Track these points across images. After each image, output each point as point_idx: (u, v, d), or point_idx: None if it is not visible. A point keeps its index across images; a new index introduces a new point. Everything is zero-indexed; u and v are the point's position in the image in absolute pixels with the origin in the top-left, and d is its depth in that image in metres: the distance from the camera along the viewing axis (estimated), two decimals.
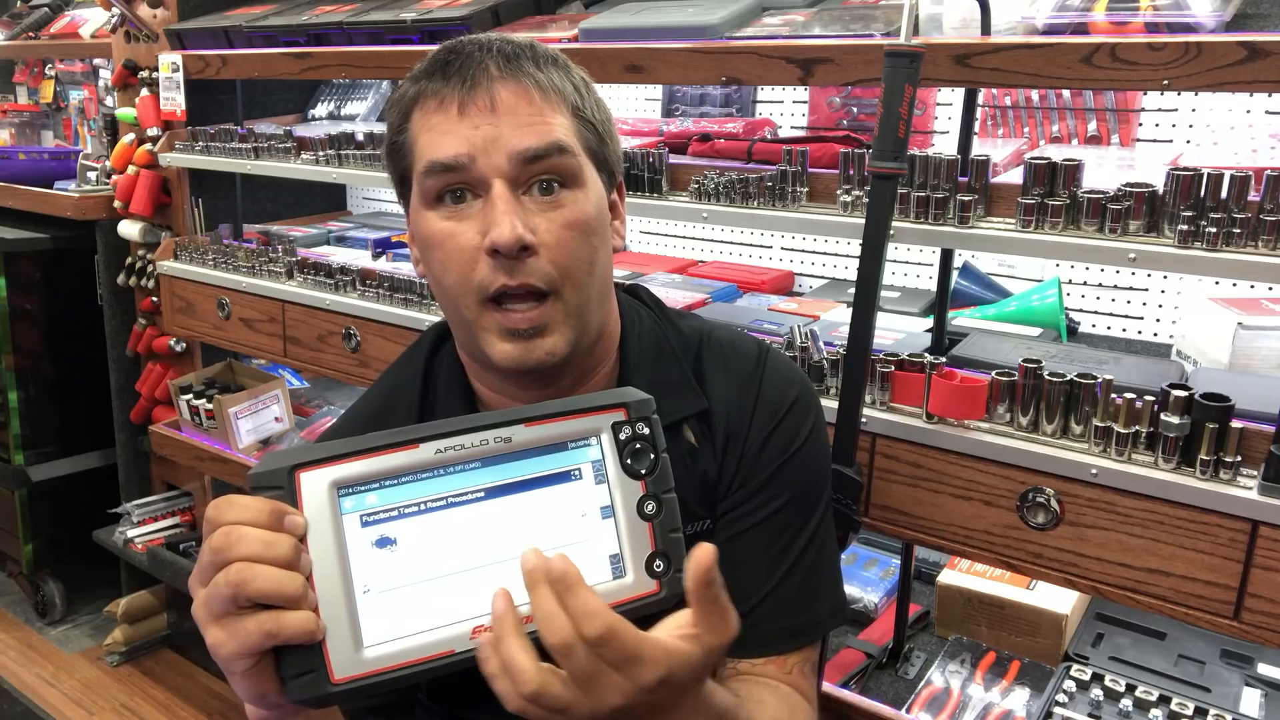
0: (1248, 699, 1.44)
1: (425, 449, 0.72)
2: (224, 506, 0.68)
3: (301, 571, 0.67)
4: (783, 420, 1.01)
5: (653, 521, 0.76)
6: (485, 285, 0.87)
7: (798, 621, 0.99)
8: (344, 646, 0.68)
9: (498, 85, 0.86)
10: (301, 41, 2.16)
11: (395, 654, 0.69)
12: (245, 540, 0.66)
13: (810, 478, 1.02)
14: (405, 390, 1.04)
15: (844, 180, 1.43)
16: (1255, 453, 1.13)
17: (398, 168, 0.94)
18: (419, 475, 0.72)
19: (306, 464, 0.70)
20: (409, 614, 0.70)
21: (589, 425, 0.76)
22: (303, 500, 0.69)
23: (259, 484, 0.69)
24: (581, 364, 0.97)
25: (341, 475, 0.70)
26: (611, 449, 0.76)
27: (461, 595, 0.71)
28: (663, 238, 2.50)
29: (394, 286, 1.95)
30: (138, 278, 2.60)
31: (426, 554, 0.71)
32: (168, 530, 2.72)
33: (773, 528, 0.99)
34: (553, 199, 0.88)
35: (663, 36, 1.59)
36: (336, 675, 0.67)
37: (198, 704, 2.67)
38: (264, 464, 0.70)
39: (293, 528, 0.68)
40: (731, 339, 1.07)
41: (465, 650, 0.70)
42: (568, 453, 0.76)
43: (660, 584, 0.75)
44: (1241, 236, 1.14)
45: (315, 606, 0.68)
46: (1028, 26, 1.32)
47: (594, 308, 0.93)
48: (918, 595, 1.78)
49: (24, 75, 4.16)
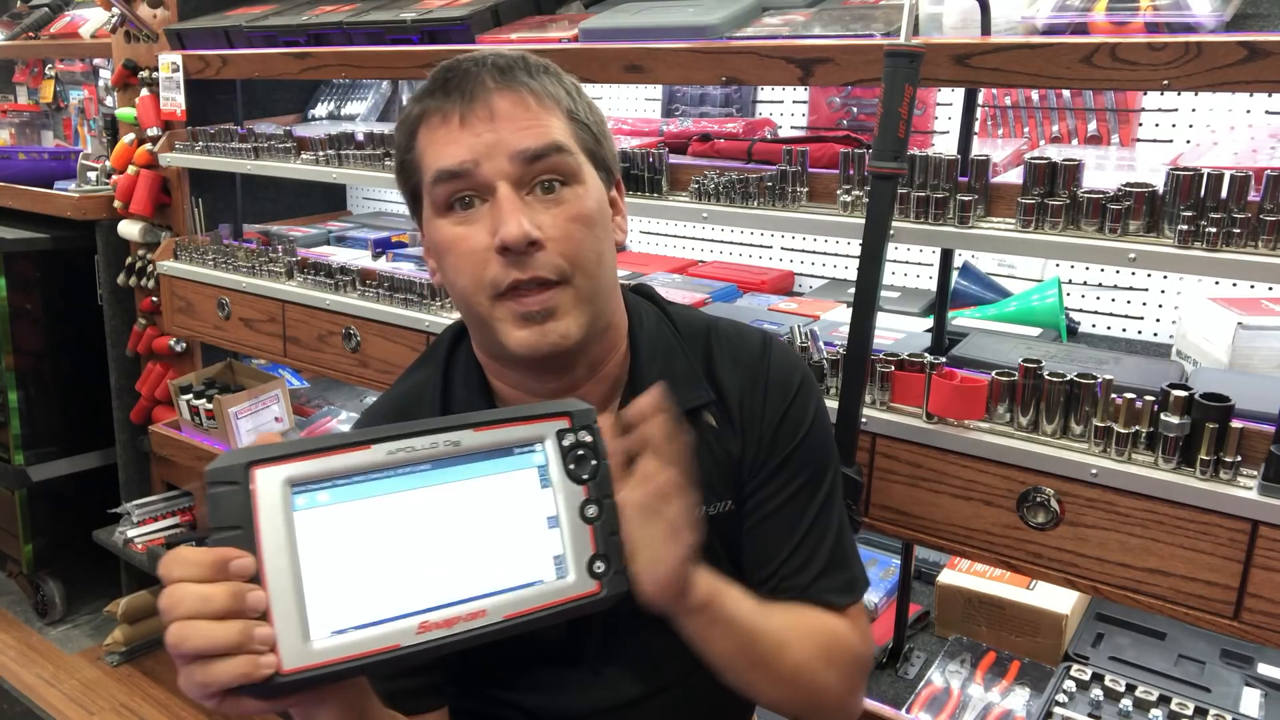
0: (1248, 699, 1.44)
1: (377, 450, 0.75)
2: (170, 563, 0.70)
3: (249, 613, 0.68)
4: (793, 403, 1.05)
5: (594, 524, 0.79)
6: (498, 282, 0.90)
7: (837, 580, 1.04)
8: (293, 638, 0.69)
9: (495, 96, 0.91)
10: (301, 41, 2.16)
11: (342, 646, 0.71)
12: (184, 600, 0.68)
13: (823, 453, 1.07)
14: (428, 388, 1.07)
15: (844, 180, 1.43)
16: (1255, 453, 1.13)
17: (409, 184, 0.98)
18: (370, 475, 0.74)
19: (263, 460, 0.71)
20: (357, 608, 0.72)
21: (534, 432, 0.80)
22: (257, 495, 0.71)
23: (216, 479, 0.71)
24: (592, 354, 0.99)
25: (295, 473, 0.72)
26: (556, 455, 0.80)
27: (409, 591, 0.73)
28: (663, 238, 2.50)
29: (394, 286, 1.95)
30: (138, 278, 2.60)
31: (375, 551, 0.73)
32: (168, 530, 2.72)
33: (799, 503, 1.04)
34: (555, 196, 0.92)
35: (662, 36, 1.59)
36: (285, 666, 0.69)
37: (198, 704, 2.66)
38: (222, 460, 0.71)
39: (239, 572, 0.69)
40: (736, 329, 1.11)
41: (411, 644, 0.72)
42: (514, 457, 0.79)
43: (601, 584, 0.79)
44: (1241, 236, 1.14)
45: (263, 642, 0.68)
46: (1028, 26, 1.32)
47: (604, 296, 0.96)
48: (918, 595, 1.78)
49: (24, 75, 4.16)
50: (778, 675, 0.95)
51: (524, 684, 1.04)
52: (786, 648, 0.95)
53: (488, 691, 1.06)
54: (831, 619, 1.02)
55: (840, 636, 1.01)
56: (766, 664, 0.93)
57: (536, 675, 1.04)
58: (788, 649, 0.95)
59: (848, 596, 1.05)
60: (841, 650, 1.01)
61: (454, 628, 0.73)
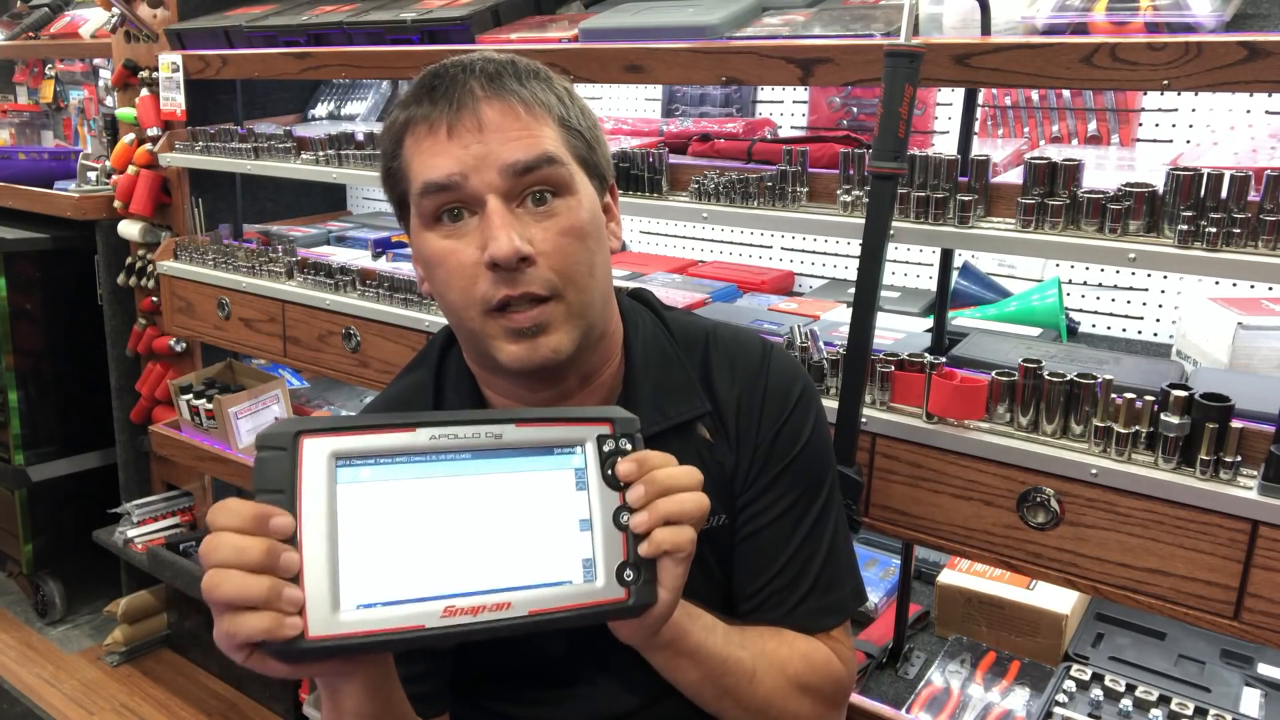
0: (1248, 699, 1.44)
1: (421, 433, 0.76)
2: (217, 512, 0.71)
3: (281, 572, 0.70)
4: (791, 414, 1.04)
5: (627, 532, 0.79)
6: (488, 298, 0.89)
7: (825, 602, 1.03)
8: (322, 606, 0.71)
9: (483, 105, 0.89)
10: (301, 41, 2.16)
11: (369, 620, 0.72)
12: (221, 548, 0.69)
13: (820, 466, 1.05)
14: (421, 392, 1.06)
15: (844, 180, 1.43)
16: (1255, 453, 1.13)
17: (395, 191, 0.97)
18: (412, 457, 0.76)
19: (312, 431, 0.74)
20: (386, 586, 0.73)
21: (575, 434, 0.81)
22: (303, 464, 0.73)
23: (265, 443, 0.73)
24: (585, 364, 0.98)
25: (342, 447, 0.74)
26: (594, 459, 0.80)
27: (438, 575, 0.74)
28: (663, 238, 2.50)
29: (394, 286, 1.95)
30: (138, 278, 2.60)
31: (409, 532, 0.75)
32: (168, 530, 2.72)
33: (791, 519, 1.02)
34: (546, 208, 0.90)
35: (663, 36, 1.59)
36: (311, 633, 0.70)
37: (198, 704, 2.66)
38: (275, 427, 0.74)
39: (278, 530, 0.70)
40: (735, 336, 1.09)
41: (435, 628, 0.73)
42: (553, 456, 0.80)
43: (629, 592, 0.79)
44: (1241, 236, 1.14)
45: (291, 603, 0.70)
46: (1028, 26, 1.32)
47: (596, 309, 0.95)
48: (918, 595, 1.78)
49: (24, 75, 4.16)
50: (747, 705, 0.95)
51: (519, 695, 1.04)
52: (756, 678, 0.95)
53: (482, 702, 1.05)
54: (810, 645, 1.01)
55: (818, 663, 1.01)
56: (735, 694, 0.94)
57: (531, 687, 1.03)
58: (758, 679, 0.95)
59: (834, 618, 1.03)
60: (818, 676, 1.00)
61: (478, 616, 0.74)
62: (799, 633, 1.02)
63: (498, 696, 1.04)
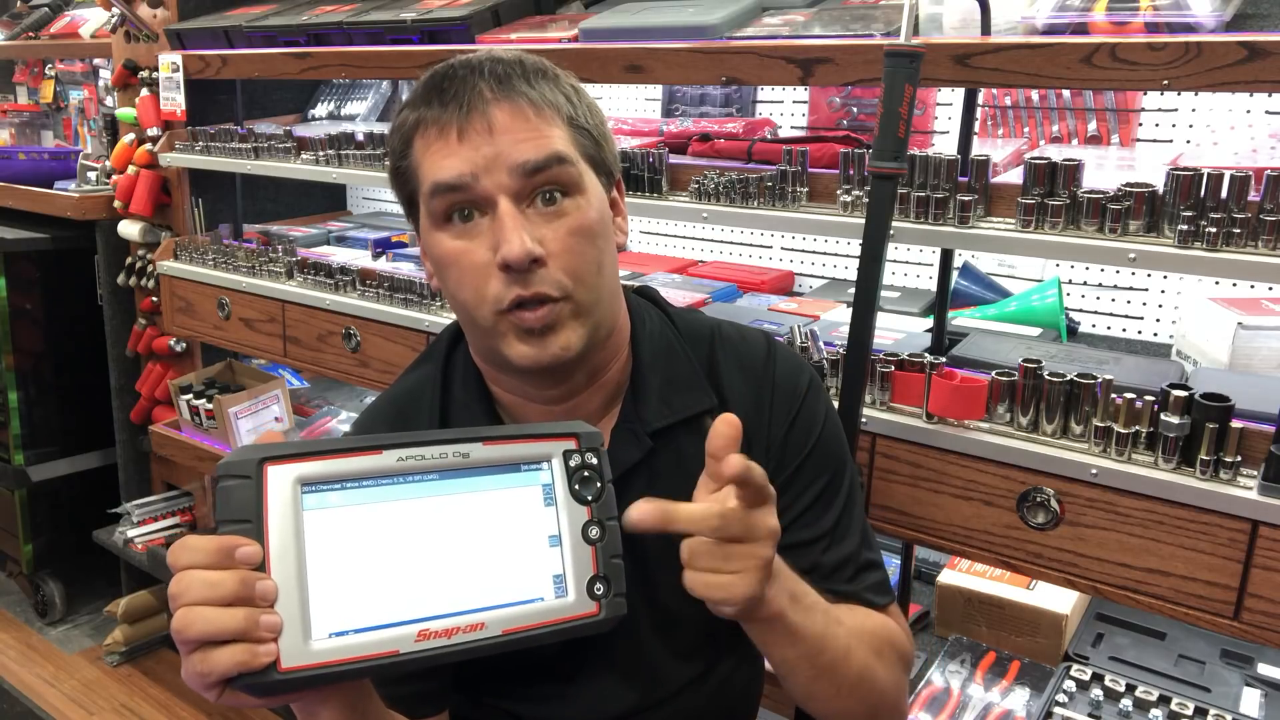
0: (1248, 699, 1.44)
1: (388, 456, 0.76)
2: (178, 551, 0.70)
3: (259, 601, 0.69)
4: (802, 406, 1.05)
5: (596, 546, 0.80)
6: (500, 299, 0.89)
7: (875, 579, 1.04)
8: (293, 637, 0.70)
9: (493, 107, 0.89)
10: (301, 41, 2.16)
11: (342, 649, 0.71)
12: (193, 586, 0.68)
13: (838, 450, 1.06)
14: (427, 388, 1.07)
15: (844, 180, 1.43)
16: (1255, 453, 1.13)
17: (404, 190, 0.97)
18: (379, 480, 0.75)
19: (275, 458, 0.72)
20: (358, 612, 0.72)
21: (542, 450, 0.81)
22: (268, 492, 0.71)
23: (228, 472, 0.72)
24: (594, 361, 0.99)
25: (307, 472, 0.73)
26: (561, 474, 0.81)
27: (410, 599, 0.74)
28: (663, 238, 2.50)
29: (394, 286, 1.95)
30: (138, 278, 2.60)
31: (379, 556, 0.74)
32: (168, 530, 2.72)
33: (822, 506, 1.03)
34: (556, 208, 0.91)
35: (662, 36, 1.59)
36: (284, 664, 0.69)
37: (198, 704, 2.66)
38: (235, 455, 0.72)
39: (246, 559, 0.70)
40: (740, 332, 1.10)
41: (409, 652, 0.73)
42: (520, 474, 0.80)
43: (600, 606, 0.79)
44: (1241, 236, 1.14)
45: (269, 629, 0.69)
46: (1028, 26, 1.32)
47: (604, 306, 0.95)
48: (918, 595, 1.78)
49: (24, 75, 4.16)
50: (841, 682, 0.94)
51: (522, 693, 1.04)
52: (851, 654, 0.94)
53: (485, 700, 1.05)
54: (881, 618, 1.02)
55: (891, 636, 1.01)
56: (831, 672, 0.93)
57: (535, 685, 1.03)
58: (852, 655, 0.94)
59: (886, 596, 1.04)
60: (894, 651, 1.01)
61: (453, 638, 0.74)
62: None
63: (501, 694, 1.04)
